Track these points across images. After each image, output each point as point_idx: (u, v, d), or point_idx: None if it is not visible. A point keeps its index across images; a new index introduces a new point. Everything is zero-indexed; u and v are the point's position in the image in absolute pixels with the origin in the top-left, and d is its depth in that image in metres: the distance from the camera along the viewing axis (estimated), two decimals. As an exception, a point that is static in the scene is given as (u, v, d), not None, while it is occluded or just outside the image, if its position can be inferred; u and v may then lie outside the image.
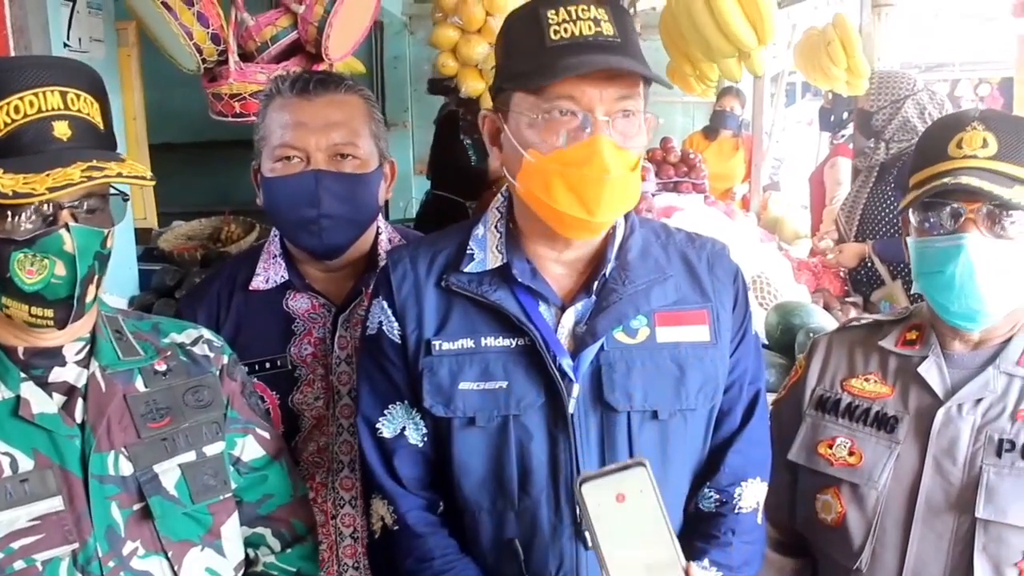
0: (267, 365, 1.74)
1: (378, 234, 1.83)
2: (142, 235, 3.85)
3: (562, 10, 1.34)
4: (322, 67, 2.90)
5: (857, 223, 3.91)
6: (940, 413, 1.50)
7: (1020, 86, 5.48)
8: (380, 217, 1.84)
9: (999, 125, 1.46)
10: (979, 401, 1.49)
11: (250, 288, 1.78)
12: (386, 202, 1.91)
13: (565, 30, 1.33)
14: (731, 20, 3.23)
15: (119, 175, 1.21)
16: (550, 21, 1.33)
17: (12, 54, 2.39)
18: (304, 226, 1.69)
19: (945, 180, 1.43)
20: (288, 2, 2.89)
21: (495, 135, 1.46)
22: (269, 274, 1.78)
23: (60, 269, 1.22)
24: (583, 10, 1.33)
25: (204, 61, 2.79)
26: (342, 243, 1.74)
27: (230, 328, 1.76)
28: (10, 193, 1.15)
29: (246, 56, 2.89)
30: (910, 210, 1.52)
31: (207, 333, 1.51)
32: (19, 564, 1.22)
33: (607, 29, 1.33)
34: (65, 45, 2.83)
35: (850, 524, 1.54)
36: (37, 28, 2.48)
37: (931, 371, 1.54)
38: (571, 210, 1.34)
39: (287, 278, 1.78)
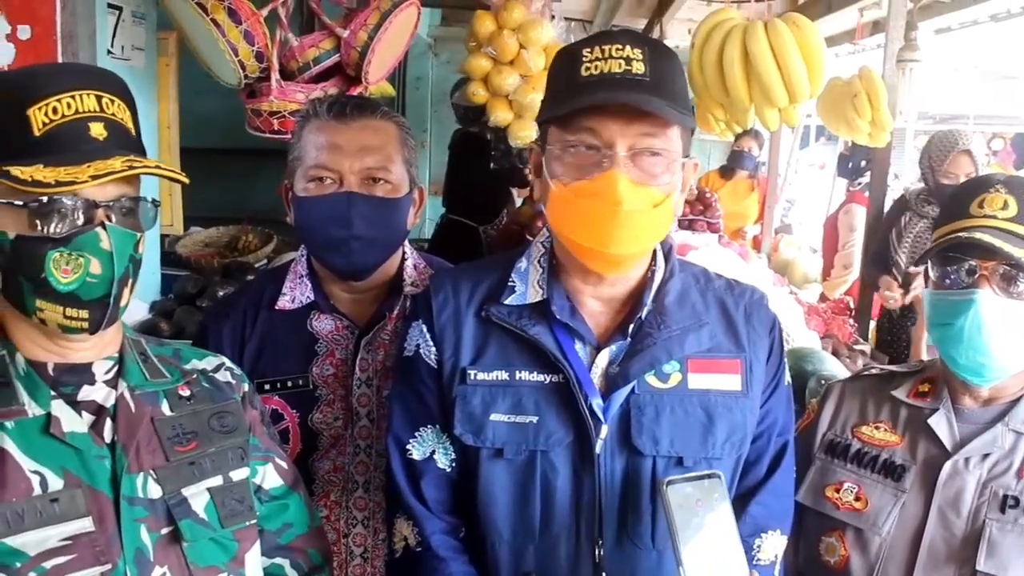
0: (289, 384, 1.76)
1: (404, 259, 1.85)
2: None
3: (597, 49, 1.37)
4: (358, 89, 2.96)
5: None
6: (947, 465, 1.54)
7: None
8: (407, 243, 1.87)
9: (1021, 190, 1.51)
10: (986, 456, 1.53)
11: (276, 307, 1.80)
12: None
13: (596, 67, 1.36)
14: (796, 70, 3.28)
15: (158, 167, 1.23)
16: (584, 59, 1.37)
17: (60, 59, 2.46)
18: (334, 246, 1.71)
19: (960, 235, 1.48)
20: (333, 26, 2.94)
21: (538, 169, 1.48)
22: (295, 294, 1.80)
23: (96, 267, 1.20)
24: (617, 49, 1.36)
25: (246, 77, 2.85)
26: (370, 264, 1.76)
27: (255, 345, 1.78)
28: (52, 182, 1.15)
29: (286, 75, 2.94)
30: (929, 264, 1.57)
31: (227, 361, 1.50)
32: None
33: (638, 68, 1.35)
34: (109, 52, 2.88)
35: (852, 568, 1.58)
36: (85, 36, 2.54)
37: (941, 423, 1.57)
38: (586, 241, 1.37)
39: (313, 299, 1.80)
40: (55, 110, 1.19)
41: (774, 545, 1.50)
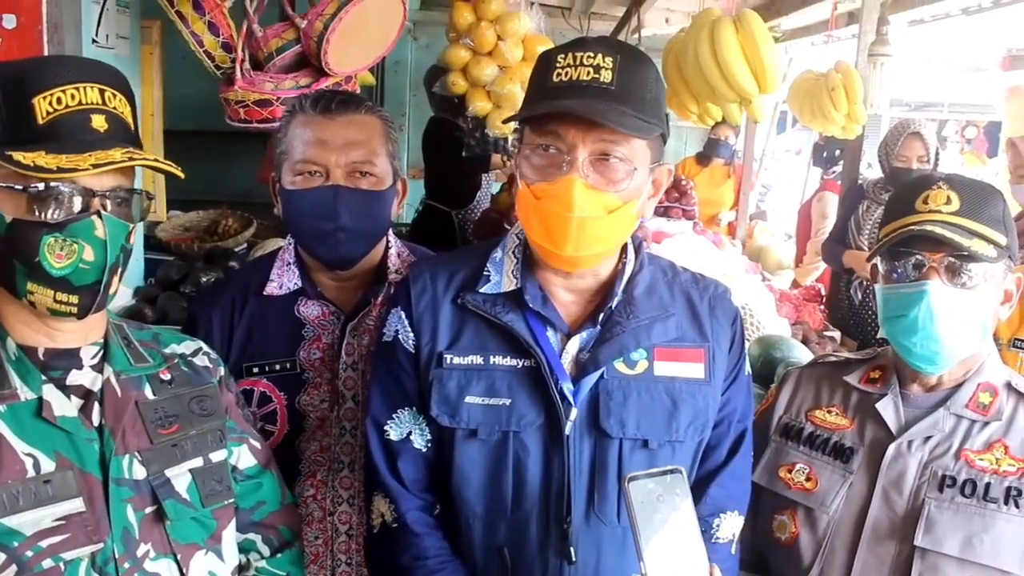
0: (277, 367, 1.82)
1: (388, 248, 1.91)
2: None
3: (569, 55, 1.43)
4: (329, 80, 2.99)
5: None
6: (891, 448, 1.62)
7: (1007, 135, 5.70)
8: (390, 232, 1.93)
9: (962, 187, 1.59)
10: (928, 439, 1.61)
11: (264, 293, 1.85)
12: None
13: (566, 74, 1.41)
14: (735, 69, 3.35)
15: (156, 160, 1.27)
16: (557, 65, 1.43)
17: (46, 49, 2.51)
18: (321, 238, 1.77)
19: (912, 228, 1.56)
20: (294, 16, 2.99)
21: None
22: (283, 280, 1.85)
23: (89, 254, 1.23)
24: (588, 57, 1.41)
25: (219, 67, 2.90)
26: (355, 255, 1.82)
27: (243, 330, 1.83)
28: (54, 168, 1.18)
29: (258, 65, 2.99)
30: (878, 259, 1.64)
31: (204, 346, 1.55)
32: (47, 563, 1.23)
33: (605, 76, 1.40)
34: (93, 41, 2.92)
35: (802, 544, 1.65)
36: (71, 25, 2.59)
37: (887, 408, 1.66)
38: (542, 241, 1.44)
39: (300, 285, 1.85)
40: (59, 100, 1.23)
41: (731, 525, 1.59)
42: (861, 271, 4.18)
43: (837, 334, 4.15)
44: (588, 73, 1.41)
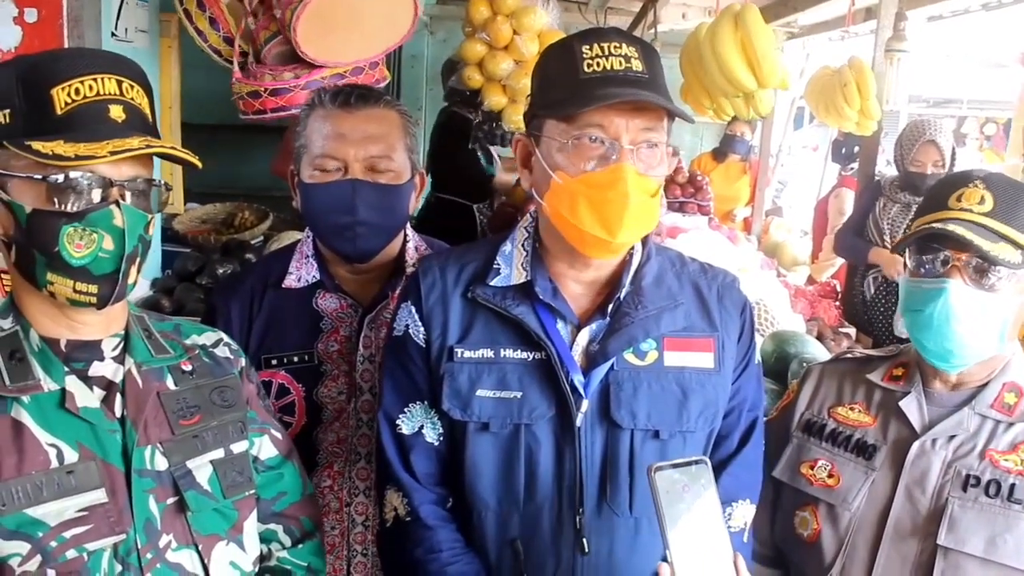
0: (295, 359, 1.84)
1: (406, 241, 1.92)
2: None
3: (596, 46, 1.43)
4: (325, 71, 3.00)
5: None
6: (915, 446, 1.60)
7: (1018, 133, 5.67)
8: (408, 225, 1.93)
9: (999, 187, 1.56)
10: (952, 438, 1.59)
11: (283, 286, 1.86)
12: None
13: (598, 64, 1.42)
14: (731, 63, 3.36)
15: (173, 148, 1.28)
16: (584, 55, 1.43)
17: (66, 42, 2.52)
18: (339, 231, 1.78)
19: (934, 225, 1.54)
20: (274, 7, 2.99)
21: (526, 158, 1.55)
22: (301, 273, 1.87)
23: (108, 243, 1.24)
24: (615, 47, 1.43)
25: (227, 61, 2.92)
26: (373, 249, 1.83)
27: (262, 322, 1.85)
28: (72, 156, 1.19)
29: (260, 58, 3.01)
30: (907, 252, 1.62)
31: (225, 337, 1.55)
32: (71, 553, 1.24)
33: (636, 65, 1.43)
34: (113, 35, 2.94)
35: (824, 541, 1.64)
36: (91, 19, 2.60)
37: (911, 406, 1.64)
38: (593, 230, 1.43)
39: (318, 278, 1.87)
40: (77, 91, 1.24)
41: (743, 513, 1.59)
42: (886, 269, 4.15)
43: (852, 330, 4.14)
44: (620, 63, 1.42)
